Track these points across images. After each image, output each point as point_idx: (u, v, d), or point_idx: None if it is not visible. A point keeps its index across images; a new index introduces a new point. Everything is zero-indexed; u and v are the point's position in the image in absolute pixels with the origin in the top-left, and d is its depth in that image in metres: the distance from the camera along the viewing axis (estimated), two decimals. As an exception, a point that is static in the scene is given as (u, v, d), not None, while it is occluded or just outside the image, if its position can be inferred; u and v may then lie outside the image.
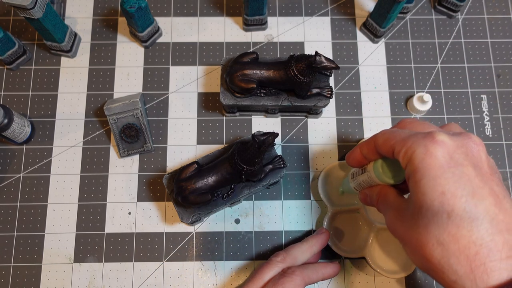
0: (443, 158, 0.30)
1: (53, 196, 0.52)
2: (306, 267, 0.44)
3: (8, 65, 0.55)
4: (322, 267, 0.45)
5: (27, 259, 0.50)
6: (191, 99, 0.56)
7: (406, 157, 0.32)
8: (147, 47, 0.58)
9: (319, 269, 0.45)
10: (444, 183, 0.30)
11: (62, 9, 0.59)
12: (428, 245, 0.30)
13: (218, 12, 0.59)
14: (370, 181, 0.39)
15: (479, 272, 0.28)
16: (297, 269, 0.43)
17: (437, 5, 0.59)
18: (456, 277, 0.29)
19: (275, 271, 0.43)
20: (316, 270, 0.44)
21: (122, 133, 0.52)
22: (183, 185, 0.45)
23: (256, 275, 0.42)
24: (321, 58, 0.44)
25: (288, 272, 0.42)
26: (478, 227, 0.29)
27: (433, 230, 0.30)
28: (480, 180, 0.30)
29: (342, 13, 0.60)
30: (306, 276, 0.42)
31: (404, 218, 0.33)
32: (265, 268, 0.43)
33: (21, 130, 0.51)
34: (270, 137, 0.42)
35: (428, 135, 0.32)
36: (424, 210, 0.30)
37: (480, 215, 0.29)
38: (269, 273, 0.43)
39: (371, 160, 0.39)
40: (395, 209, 0.35)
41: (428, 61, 0.58)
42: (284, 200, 0.52)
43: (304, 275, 0.42)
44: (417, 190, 0.31)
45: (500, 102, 0.56)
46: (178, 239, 0.51)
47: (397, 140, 0.33)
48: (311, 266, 0.45)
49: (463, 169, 0.30)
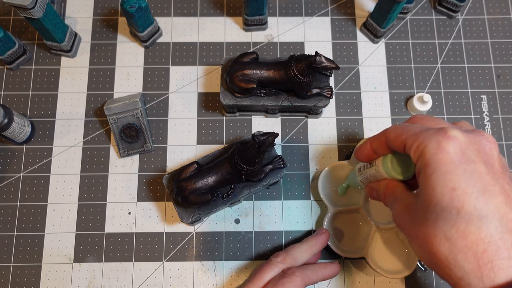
0: (455, 154, 0.30)
1: (53, 196, 0.52)
2: (306, 268, 0.44)
3: (8, 64, 0.55)
4: (322, 268, 0.45)
5: (27, 258, 0.50)
6: (191, 99, 0.56)
7: (417, 151, 0.32)
8: (147, 47, 0.58)
9: (319, 269, 0.45)
10: (455, 179, 0.30)
11: (62, 9, 0.59)
12: (436, 240, 0.30)
13: (218, 12, 0.59)
14: (378, 175, 0.39)
15: (486, 269, 0.28)
16: (297, 269, 0.43)
17: (437, 5, 0.59)
18: (463, 274, 0.29)
19: (275, 271, 0.43)
20: (316, 271, 0.44)
21: (122, 133, 0.52)
22: (183, 185, 0.45)
23: (256, 276, 0.42)
24: (321, 58, 0.44)
25: (288, 272, 0.42)
26: (488, 224, 0.29)
27: (441, 225, 0.30)
28: (492, 177, 0.30)
29: (342, 13, 0.60)
30: (306, 277, 0.42)
31: (412, 212, 0.33)
32: (265, 268, 0.43)
33: (21, 130, 0.51)
34: (270, 137, 0.42)
35: (441, 130, 0.31)
36: (433, 205, 0.30)
37: (490, 213, 0.29)
38: (269, 273, 0.42)
39: (380, 154, 0.39)
40: (402, 203, 0.35)
41: (428, 61, 0.58)
42: (284, 200, 0.52)
43: (304, 276, 0.42)
44: (427, 185, 0.31)
45: (500, 102, 0.56)
46: (178, 239, 0.51)
47: (409, 135, 0.33)
48: (311, 266, 0.45)
49: (474, 166, 0.30)
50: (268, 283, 0.42)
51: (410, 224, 0.33)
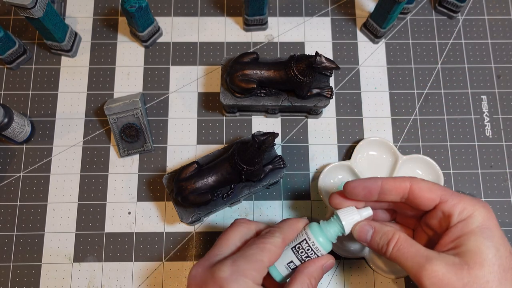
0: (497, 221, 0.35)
1: (53, 196, 0.52)
2: (282, 225, 0.39)
3: (9, 64, 0.55)
4: (295, 222, 0.40)
5: (27, 258, 0.50)
6: (191, 99, 0.56)
7: (465, 212, 0.35)
8: (148, 47, 0.58)
9: (293, 225, 0.39)
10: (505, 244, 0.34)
11: (63, 8, 0.59)
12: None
13: (219, 12, 0.59)
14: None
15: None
16: (275, 228, 0.38)
17: (438, 5, 0.59)
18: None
19: (244, 232, 0.39)
20: (291, 227, 0.39)
21: (122, 132, 0.52)
22: (183, 185, 0.45)
23: (222, 238, 0.39)
24: (322, 58, 0.44)
25: (266, 232, 0.38)
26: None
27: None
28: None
29: (342, 14, 0.60)
30: (286, 236, 0.38)
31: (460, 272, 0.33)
32: (230, 230, 0.39)
33: (21, 129, 0.51)
34: (270, 137, 0.42)
35: (477, 199, 0.36)
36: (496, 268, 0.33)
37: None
38: (236, 234, 0.39)
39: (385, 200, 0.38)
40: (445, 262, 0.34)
41: (429, 61, 0.58)
42: (284, 200, 0.52)
43: (284, 235, 0.38)
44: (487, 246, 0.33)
45: (500, 103, 0.56)
46: (177, 239, 0.51)
47: (450, 193, 0.36)
48: (286, 223, 0.40)
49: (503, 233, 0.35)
50: (242, 246, 0.38)
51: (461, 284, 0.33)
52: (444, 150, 0.54)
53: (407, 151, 0.54)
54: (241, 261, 0.35)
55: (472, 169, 0.54)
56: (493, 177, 0.53)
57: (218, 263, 0.35)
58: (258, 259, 0.35)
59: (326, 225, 0.39)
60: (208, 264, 0.36)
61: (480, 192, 0.53)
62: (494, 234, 0.34)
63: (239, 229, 0.39)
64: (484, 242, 0.33)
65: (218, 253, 0.37)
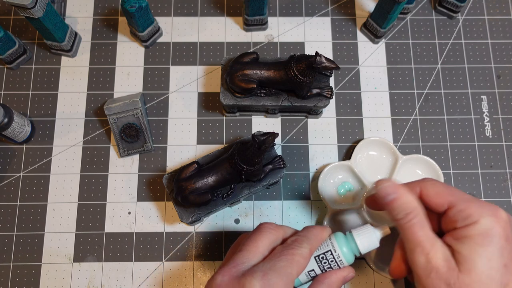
0: (504, 231, 0.34)
1: (53, 196, 0.52)
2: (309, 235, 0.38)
3: (9, 64, 0.55)
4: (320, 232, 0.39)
5: (27, 258, 0.50)
6: (191, 99, 0.56)
7: (470, 218, 0.34)
8: (148, 47, 0.58)
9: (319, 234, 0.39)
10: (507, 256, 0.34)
11: (63, 8, 0.59)
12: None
13: (219, 12, 0.59)
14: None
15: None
16: (302, 238, 0.37)
17: (438, 5, 0.59)
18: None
19: (271, 239, 0.38)
20: (317, 237, 0.39)
21: (122, 132, 0.52)
22: (183, 185, 0.45)
23: (250, 243, 0.37)
24: (322, 58, 0.44)
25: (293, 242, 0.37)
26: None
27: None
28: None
29: (342, 14, 0.60)
30: (313, 247, 0.37)
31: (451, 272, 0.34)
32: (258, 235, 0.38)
33: (21, 129, 0.51)
34: (270, 137, 0.42)
35: (492, 206, 0.35)
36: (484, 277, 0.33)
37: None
38: (264, 241, 0.37)
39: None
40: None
41: (429, 61, 0.58)
42: (284, 200, 0.52)
43: (311, 246, 0.37)
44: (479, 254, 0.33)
45: (500, 103, 0.56)
46: (177, 239, 0.51)
47: (459, 198, 0.36)
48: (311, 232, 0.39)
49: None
50: (270, 254, 0.37)
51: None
52: (444, 150, 0.54)
53: (407, 151, 0.54)
54: (272, 274, 0.34)
55: (472, 169, 0.54)
56: (493, 177, 0.53)
57: (248, 275, 0.34)
58: (288, 273, 0.35)
59: (351, 239, 0.39)
60: (235, 273, 0.35)
61: (480, 192, 0.53)
62: (493, 243, 0.33)
63: (268, 236, 0.38)
64: (477, 250, 0.33)
65: (245, 261, 0.36)
